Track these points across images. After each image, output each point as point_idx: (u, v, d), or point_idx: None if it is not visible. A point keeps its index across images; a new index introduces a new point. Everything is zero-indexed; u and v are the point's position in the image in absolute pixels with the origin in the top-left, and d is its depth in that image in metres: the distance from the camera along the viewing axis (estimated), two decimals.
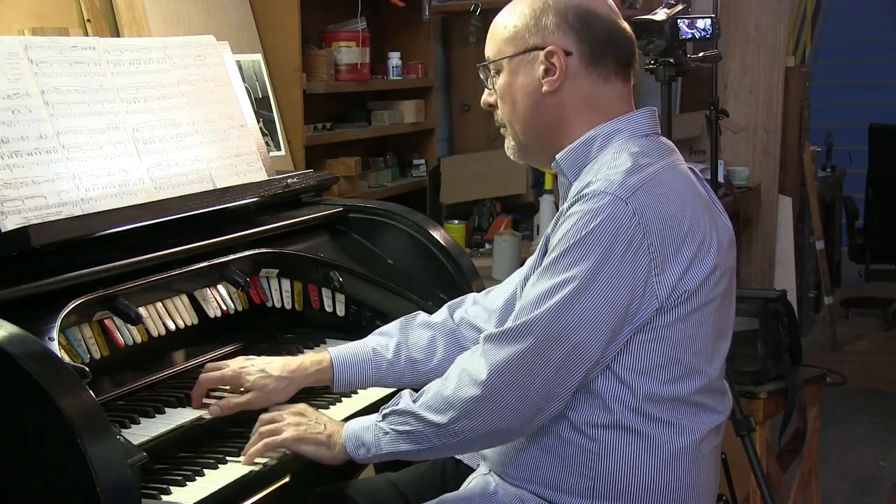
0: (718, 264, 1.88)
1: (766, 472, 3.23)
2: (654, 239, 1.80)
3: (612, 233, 1.79)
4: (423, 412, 1.87)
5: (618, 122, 1.94)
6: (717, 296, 1.88)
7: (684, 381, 1.87)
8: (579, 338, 1.79)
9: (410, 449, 1.89)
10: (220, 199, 2.34)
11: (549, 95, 1.93)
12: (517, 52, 1.95)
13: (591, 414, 1.87)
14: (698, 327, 1.87)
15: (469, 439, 1.87)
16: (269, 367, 2.12)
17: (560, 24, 1.92)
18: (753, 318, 3.41)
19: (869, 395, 5.72)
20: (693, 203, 1.88)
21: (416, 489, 2.18)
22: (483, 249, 4.20)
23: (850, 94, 9.19)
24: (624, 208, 1.80)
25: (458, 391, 1.84)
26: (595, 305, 1.79)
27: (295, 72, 3.58)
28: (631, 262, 1.79)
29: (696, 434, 1.90)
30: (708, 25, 3.12)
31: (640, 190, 1.82)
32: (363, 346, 2.19)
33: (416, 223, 2.65)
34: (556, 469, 1.90)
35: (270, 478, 1.95)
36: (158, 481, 1.83)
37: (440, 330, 2.21)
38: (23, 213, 1.99)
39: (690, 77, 3.76)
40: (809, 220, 6.43)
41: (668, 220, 1.82)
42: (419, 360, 2.19)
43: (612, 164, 1.88)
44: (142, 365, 2.16)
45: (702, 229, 1.86)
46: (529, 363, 1.81)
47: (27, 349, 1.64)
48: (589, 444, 1.87)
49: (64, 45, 2.23)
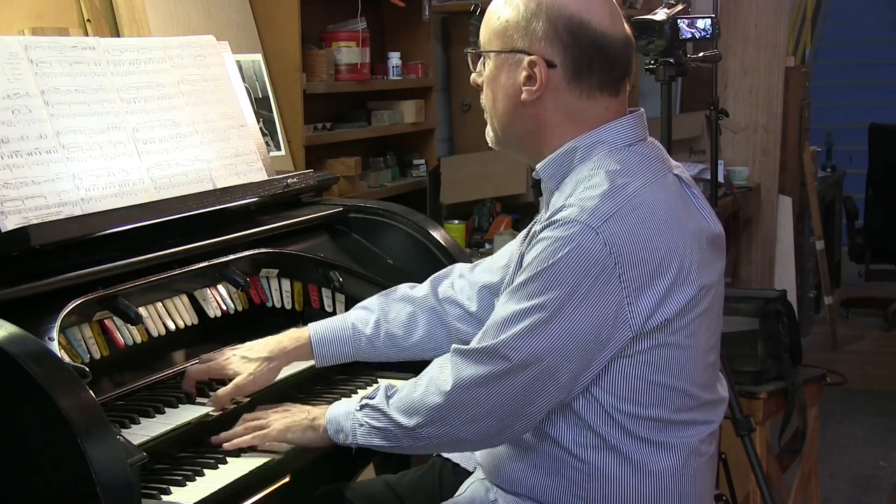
0: (702, 286, 1.83)
1: (766, 472, 3.23)
2: (627, 268, 1.76)
3: (582, 264, 1.76)
4: (393, 413, 1.89)
5: (599, 133, 1.88)
6: (701, 314, 1.84)
7: (666, 403, 1.84)
8: (545, 364, 1.78)
9: (382, 444, 1.92)
10: (220, 199, 2.34)
11: (528, 104, 1.89)
12: (503, 49, 1.91)
13: (577, 434, 1.85)
14: (681, 350, 1.83)
15: (436, 444, 1.91)
16: (250, 351, 2.16)
17: (548, 33, 1.86)
18: (753, 318, 3.41)
19: (869, 395, 5.72)
20: (672, 225, 1.81)
21: (413, 492, 2.18)
22: (483, 249, 4.19)
23: (850, 94, 9.19)
24: (594, 238, 1.76)
25: (424, 397, 1.86)
26: (563, 334, 1.77)
27: (295, 72, 3.58)
28: (599, 293, 1.76)
29: (684, 450, 1.87)
30: (708, 25, 3.12)
31: (612, 218, 1.77)
32: (342, 322, 2.22)
33: (416, 223, 2.65)
34: (550, 485, 1.89)
35: (270, 478, 1.95)
36: (158, 481, 1.83)
37: (420, 306, 2.22)
38: (23, 213, 1.99)
39: (690, 77, 3.77)
40: (809, 220, 6.43)
41: (643, 248, 1.77)
42: (399, 336, 2.21)
43: (589, 183, 1.83)
44: (142, 365, 2.16)
45: (680, 254, 1.80)
46: (493, 384, 1.81)
47: (27, 349, 1.64)
48: (579, 464, 1.86)
49: (64, 45, 2.23)
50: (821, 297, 6.63)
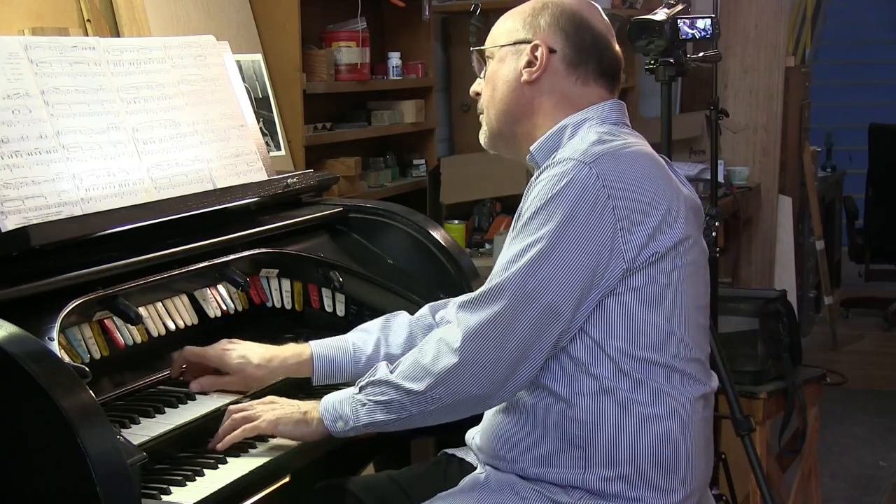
0: (689, 234, 1.92)
1: (766, 472, 3.23)
2: (619, 201, 1.86)
3: (577, 194, 1.85)
4: (401, 381, 1.91)
5: (587, 112, 2.01)
6: (688, 263, 1.93)
7: (662, 345, 1.90)
8: (549, 296, 1.84)
9: (388, 419, 1.93)
10: (220, 199, 2.34)
11: (526, 85, 2.02)
12: (507, 42, 2.05)
13: (573, 381, 1.89)
14: (670, 293, 1.90)
15: (446, 405, 1.90)
16: (250, 353, 2.17)
17: (552, 24, 2.02)
18: (753, 318, 3.41)
19: (869, 395, 5.72)
20: (657, 175, 1.93)
21: (417, 486, 2.18)
22: (483, 249, 4.20)
23: (850, 94, 9.20)
24: (587, 171, 1.86)
25: (435, 359, 1.89)
26: (563, 264, 1.84)
27: (295, 72, 3.58)
28: (596, 222, 1.85)
29: (681, 402, 1.92)
30: (708, 25, 3.12)
31: (603, 156, 1.88)
32: (343, 342, 2.24)
33: (416, 223, 2.65)
34: (547, 442, 1.92)
35: (270, 478, 1.95)
36: (158, 481, 1.83)
37: (417, 326, 2.27)
38: (23, 213, 1.99)
39: (690, 77, 3.76)
40: (809, 220, 6.43)
41: (632, 186, 1.87)
42: (397, 357, 2.20)
43: (579, 140, 1.95)
44: (142, 365, 2.16)
45: (668, 199, 1.90)
46: (502, 324, 1.85)
47: (27, 349, 1.64)
48: (575, 412, 1.89)
49: (64, 45, 2.23)
50: (821, 297, 6.62)
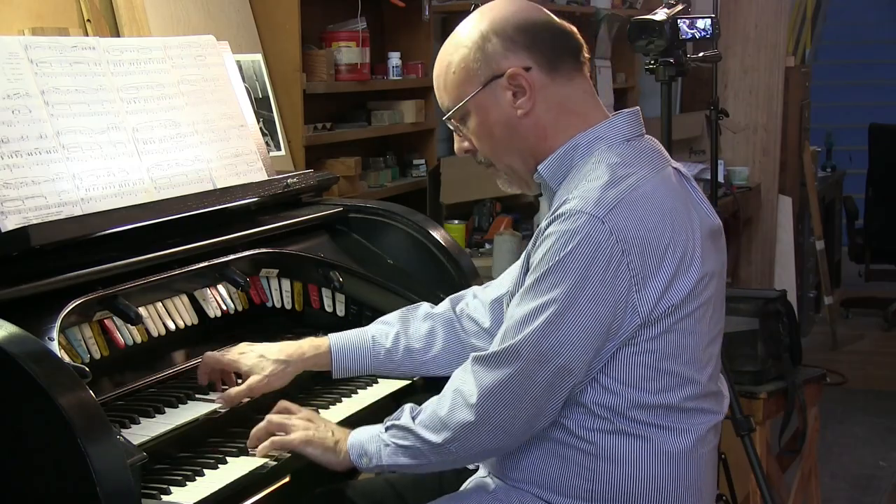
0: (705, 273, 1.86)
1: (766, 472, 3.23)
2: (634, 256, 1.79)
3: (590, 254, 1.78)
4: (420, 430, 1.90)
5: (598, 129, 1.91)
6: (704, 302, 1.87)
7: (674, 390, 1.87)
8: (564, 358, 1.80)
9: (409, 463, 1.93)
10: (220, 199, 2.34)
11: (524, 117, 1.92)
12: (476, 89, 1.92)
13: (585, 420, 1.87)
14: (686, 337, 1.86)
15: (463, 457, 1.93)
16: (268, 351, 2.17)
17: (506, 45, 1.90)
18: (753, 318, 3.41)
19: (869, 395, 5.72)
20: (673, 214, 1.85)
21: (414, 491, 2.18)
22: (483, 249, 4.20)
23: (850, 94, 9.19)
24: (601, 227, 1.78)
25: (452, 413, 1.88)
26: (578, 326, 1.79)
27: (295, 72, 3.58)
28: (611, 282, 1.79)
29: (693, 435, 1.90)
30: (708, 25, 3.12)
31: (617, 207, 1.80)
32: (363, 334, 2.24)
33: (416, 223, 2.65)
34: (557, 472, 1.91)
35: (270, 478, 1.95)
36: (158, 481, 1.83)
37: (439, 320, 2.24)
38: (23, 213, 1.99)
39: (690, 77, 3.76)
40: (809, 220, 6.43)
41: (648, 235, 1.80)
42: (417, 350, 2.22)
43: (591, 176, 1.85)
44: (142, 365, 2.15)
45: (683, 241, 1.84)
46: (517, 385, 1.83)
47: (27, 349, 1.64)
48: (587, 448, 1.88)
49: (64, 45, 2.23)
50: (821, 297, 6.63)
